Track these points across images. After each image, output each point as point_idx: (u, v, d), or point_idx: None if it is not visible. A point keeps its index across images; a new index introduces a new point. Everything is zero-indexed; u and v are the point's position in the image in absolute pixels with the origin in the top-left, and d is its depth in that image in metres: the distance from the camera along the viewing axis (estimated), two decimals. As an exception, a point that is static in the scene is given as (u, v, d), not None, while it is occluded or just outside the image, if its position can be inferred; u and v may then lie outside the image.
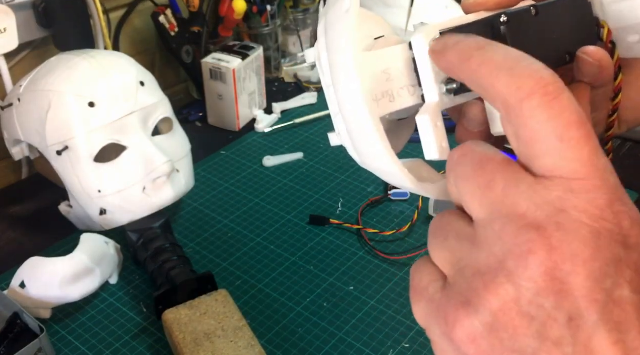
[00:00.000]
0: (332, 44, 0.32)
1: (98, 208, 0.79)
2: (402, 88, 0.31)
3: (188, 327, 0.66)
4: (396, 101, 0.31)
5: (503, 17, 0.30)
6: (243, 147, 1.06)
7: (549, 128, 0.23)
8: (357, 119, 0.30)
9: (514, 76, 0.24)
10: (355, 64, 0.30)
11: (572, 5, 0.33)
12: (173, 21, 1.06)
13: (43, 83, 0.79)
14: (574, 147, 0.23)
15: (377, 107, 0.30)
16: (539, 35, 0.31)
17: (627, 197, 0.24)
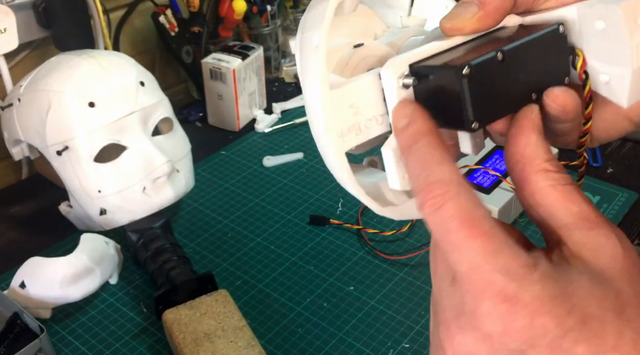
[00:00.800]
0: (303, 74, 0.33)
1: (98, 208, 0.79)
2: (369, 119, 0.33)
3: (188, 327, 0.66)
4: (362, 133, 0.33)
5: (466, 68, 0.29)
6: (243, 147, 1.06)
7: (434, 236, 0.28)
8: (325, 152, 0.33)
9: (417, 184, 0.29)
10: (322, 104, 0.31)
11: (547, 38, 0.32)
12: (173, 21, 1.06)
13: (43, 83, 0.79)
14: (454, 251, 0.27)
15: (342, 142, 0.32)
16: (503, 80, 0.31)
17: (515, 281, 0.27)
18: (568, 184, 0.29)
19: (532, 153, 0.29)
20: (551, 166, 0.29)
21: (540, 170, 0.29)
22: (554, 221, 0.29)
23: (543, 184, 0.29)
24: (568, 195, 0.28)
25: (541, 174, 0.29)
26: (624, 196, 0.91)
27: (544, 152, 0.29)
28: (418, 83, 0.32)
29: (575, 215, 0.28)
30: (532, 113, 0.30)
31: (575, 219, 0.28)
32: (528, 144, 0.29)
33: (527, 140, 0.30)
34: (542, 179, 0.29)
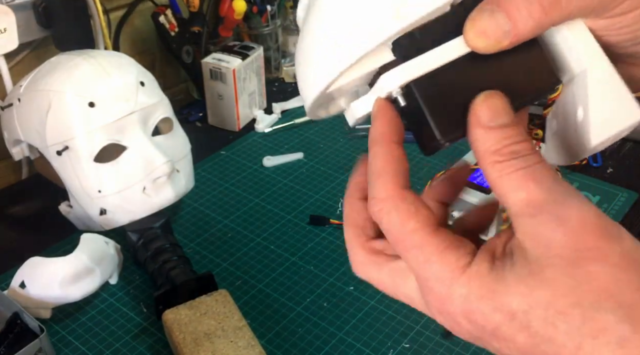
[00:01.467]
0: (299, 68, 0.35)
1: (98, 208, 0.79)
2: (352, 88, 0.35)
3: (188, 327, 0.66)
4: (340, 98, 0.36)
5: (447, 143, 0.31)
6: (243, 147, 1.06)
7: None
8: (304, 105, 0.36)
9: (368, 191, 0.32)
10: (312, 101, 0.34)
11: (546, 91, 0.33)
12: (173, 21, 1.06)
13: (43, 83, 0.79)
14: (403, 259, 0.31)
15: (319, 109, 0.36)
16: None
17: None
18: (518, 169, 0.28)
19: (480, 148, 0.29)
20: (500, 156, 0.29)
21: (489, 163, 0.29)
22: (510, 212, 0.29)
23: (494, 176, 0.29)
24: (515, 182, 0.28)
25: (491, 167, 0.29)
26: (624, 196, 0.91)
27: (492, 143, 0.29)
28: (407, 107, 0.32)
29: (521, 202, 0.28)
30: (475, 107, 0.30)
31: (521, 207, 0.28)
32: (475, 140, 0.30)
33: (473, 136, 0.30)
34: (493, 172, 0.29)
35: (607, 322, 0.25)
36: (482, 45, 0.31)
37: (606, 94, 0.31)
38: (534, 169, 0.28)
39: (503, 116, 0.29)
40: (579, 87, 0.32)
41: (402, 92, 0.32)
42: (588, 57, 0.32)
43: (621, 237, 0.27)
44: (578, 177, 0.95)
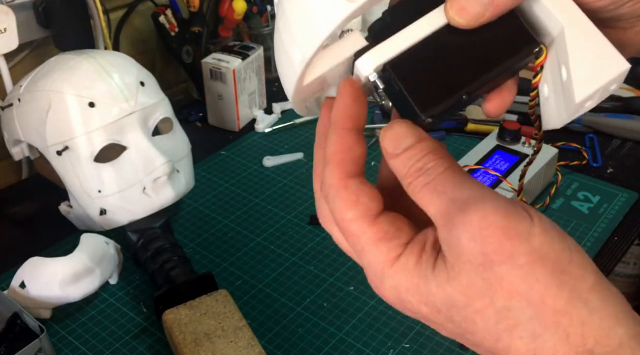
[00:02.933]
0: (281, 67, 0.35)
1: (98, 208, 0.79)
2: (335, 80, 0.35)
3: (188, 327, 0.66)
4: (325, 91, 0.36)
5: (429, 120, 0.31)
6: (243, 147, 1.06)
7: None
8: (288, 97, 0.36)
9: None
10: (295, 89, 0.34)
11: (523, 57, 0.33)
12: (173, 21, 1.06)
13: (43, 83, 0.79)
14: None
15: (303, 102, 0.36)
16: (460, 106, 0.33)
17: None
18: (423, 186, 0.30)
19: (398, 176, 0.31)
20: (410, 177, 0.31)
21: (406, 187, 0.31)
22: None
23: (413, 197, 0.31)
24: (424, 199, 0.30)
25: (408, 189, 0.31)
26: (624, 196, 0.91)
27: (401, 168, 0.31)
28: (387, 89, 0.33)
29: (434, 216, 0.30)
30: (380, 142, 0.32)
31: (436, 219, 0.30)
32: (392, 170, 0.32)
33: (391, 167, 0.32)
34: (411, 192, 0.31)
35: (518, 320, 0.27)
36: (463, 21, 0.31)
37: (586, 49, 0.32)
38: (436, 182, 0.30)
39: (406, 140, 0.31)
40: (559, 47, 0.32)
41: (379, 75, 0.32)
42: (565, 16, 0.32)
43: (530, 234, 0.27)
44: (578, 177, 0.95)
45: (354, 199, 0.31)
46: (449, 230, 0.28)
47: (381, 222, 0.31)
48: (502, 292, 0.27)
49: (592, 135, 1.04)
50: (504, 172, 0.86)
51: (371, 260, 0.31)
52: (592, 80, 0.31)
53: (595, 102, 0.33)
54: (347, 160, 0.32)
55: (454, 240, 0.28)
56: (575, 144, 1.01)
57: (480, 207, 0.28)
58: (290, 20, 0.32)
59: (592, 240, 0.83)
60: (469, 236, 0.27)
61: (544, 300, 0.26)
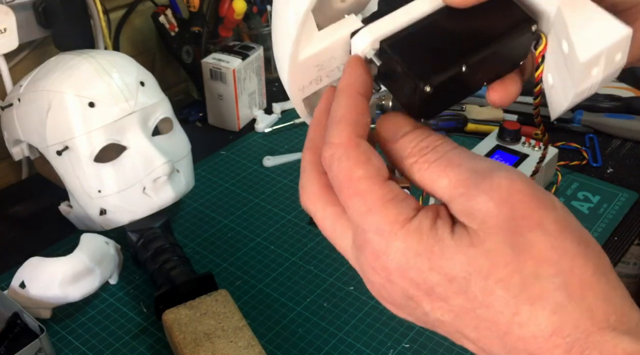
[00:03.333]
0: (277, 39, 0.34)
1: (98, 208, 0.79)
2: (332, 70, 0.35)
3: (188, 327, 0.66)
4: (322, 82, 0.35)
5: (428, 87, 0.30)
6: (243, 147, 1.06)
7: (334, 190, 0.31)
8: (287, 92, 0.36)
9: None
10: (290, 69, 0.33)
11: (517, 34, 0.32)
12: (173, 21, 1.06)
13: (43, 83, 0.79)
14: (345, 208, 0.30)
15: (302, 93, 0.35)
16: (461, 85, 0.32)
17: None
18: (432, 162, 0.29)
19: (397, 161, 0.31)
20: (413, 157, 0.30)
21: (408, 168, 0.30)
22: (443, 201, 0.29)
23: (416, 177, 0.30)
24: (434, 173, 0.29)
25: (410, 170, 0.30)
26: (624, 196, 0.91)
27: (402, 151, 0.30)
28: (383, 64, 0.32)
29: (447, 188, 0.28)
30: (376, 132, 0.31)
31: (448, 192, 0.28)
32: (390, 156, 0.31)
33: (388, 154, 0.31)
34: (413, 173, 0.30)
35: (544, 290, 0.26)
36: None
37: (585, 19, 0.32)
38: (449, 157, 0.29)
39: (404, 126, 0.31)
40: (558, 25, 0.32)
41: (375, 52, 0.32)
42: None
43: (554, 205, 0.27)
44: (578, 177, 0.95)
45: (364, 158, 0.29)
46: (472, 198, 0.27)
47: (391, 185, 0.29)
48: (531, 259, 0.26)
49: (592, 135, 1.04)
50: (504, 172, 0.85)
51: (378, 222, 0.28)
52: (594, 43, 0.31)
53: (603, 72, 0.33)
54: (360, 123, 0.31)
55: (479, 206, 0.27)
56: (575, 144, 1.01)
57: (507, 174, 0.27)
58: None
59: (592, 240, 0.83)
60: (497, 201, 0.27)
61: (573, 270, 0.26)
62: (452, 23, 0.32)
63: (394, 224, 0.28)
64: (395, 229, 0.28)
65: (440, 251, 0.27)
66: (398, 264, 0.28)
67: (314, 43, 0.33)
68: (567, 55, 0.32)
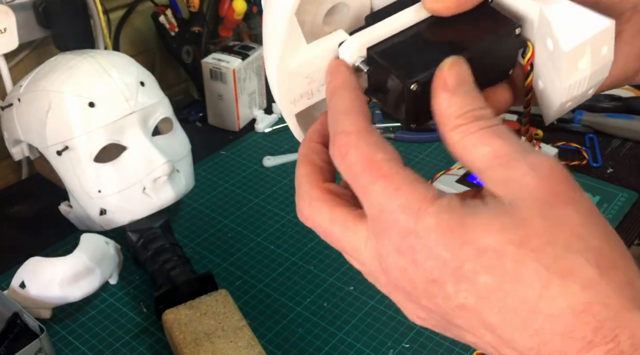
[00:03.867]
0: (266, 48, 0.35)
1: (98, 208, 0.79)
2: (323, 84, 0.35)
3: (188, 327, 0.66)
4: (314, 97, 0.36)
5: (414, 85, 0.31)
6: (243, 147, 1.06)
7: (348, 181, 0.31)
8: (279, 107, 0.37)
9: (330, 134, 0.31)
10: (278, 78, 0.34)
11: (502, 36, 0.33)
12: (173, 21, 1.06)
13: (43, 83, 0.79)
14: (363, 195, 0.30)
15: (294, 107, 0.36)
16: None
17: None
18: (480, 129, 0.29)
19: (443, 112, 0.30)
20: (464, 119, 0.29)
21: (452, 127, 0.29)
22: (475, 170, 0.29)
23: (455, 139, 0.29)
24: (479, 139, 0.28)
25: (453, 131, 0.29)
26: (624, 196, 0.91)
27: (456, 108, 0.29)
28: (371, 71, 0.33)
29: (487, 156, 0.28)
30: (442, 71, 0.30)
31: (488, 160, 0.28)
32: (439, 104, 0.30)
33: (438, 100, 0.30)
34: (455, 135, 0.29)
35: (576, 263, 0.25)
36: (440, 5, 0.32)
37: (567, 15, 0.32)
38: (497, 128, 0.29)
39: (468, 84, 0.30)
40: (541, 26, 0.33)
41: (363, 60, 0.33)
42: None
43: (584, 193, 0.28)
44: (578, 177, 0.95)
45: (381, 143, 0.29)
46: (513, 168, 0.27)
47: (410, 169, 0.29)
48: (564, 233, 0.26)
49: (592, 135, 1.04)
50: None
51: (408, 199, 0.28)
52: (577, 33, 0.32)
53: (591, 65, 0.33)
54: (367, 114, 0.31)
55: (518, 176, 0.27)
56: (575, 144, 1.01)
57: (548, 157, 0.28)
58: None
59: (592, 240, 0.83)
60: (538, 174, 0.27)
61: (603, 248, 0.26)
62: (437, 30, 0.33)
63: (423, 201, 0.27)
64: (425, 205, 0.27)
65: (473, 223, 0.26)
66: (427, 241, 0.27)
67: (302, 52, 0.34)
68: (553, 52, 0.32)
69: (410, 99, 0.31)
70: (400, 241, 0.28)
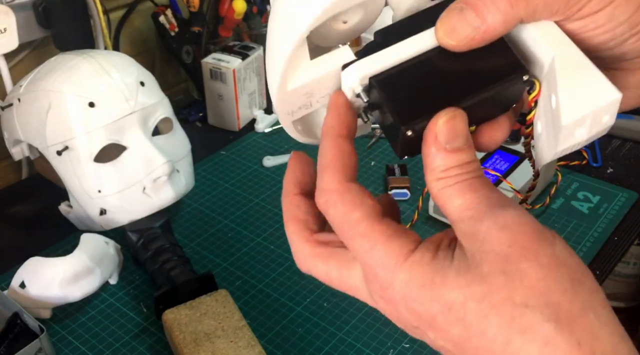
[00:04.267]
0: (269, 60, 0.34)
1: (98, 208, 0.79)
2: (322, 96, 0.35)
3: (188, 327, 0.66)
4: (312, 107, 0.35)
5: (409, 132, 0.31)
6: (243, 147, 1.06)
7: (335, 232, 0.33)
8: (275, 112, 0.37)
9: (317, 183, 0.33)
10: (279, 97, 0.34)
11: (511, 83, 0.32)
12: (173, 21, 1.06)
13: (43, 83, 0.79)
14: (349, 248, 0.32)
15: (291, 117, 0.35)
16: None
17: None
18: (459, 182, 0.30)
19: (429, 163, 0.31)
20: (445, 174, 0.30)
21: (435, 179, 0.30)
22: (450, 220, 0.30)
23: (437, 189, 0.30)
24: (455, 192, 0.30)
25: (435, 182, 0.30)
26: (624, 196, 0.91)
27: (441, 163, 0.30)
28: (370, 101, 0.33)
29: (459, 208, 0.29)
30: (436, 124, 0.31)
31: (459, 212, 0.29)
32: (427, 154, 0.31)
33: (426, 150, 0.31)
34: (436, 185, 0.30)
35: (533, 320, 0.26)
36: (453, 42, 0.31)
37: (576, 77, 0.31)
38: (474, 181, 0.30)
39: (459, 139, 0.31)
40: (550, 76, 0.32)
41: (364, 88, 0.32)
42: (555, 46, 0.32)
43: (554, 242, 0.28)
44: (578, 177, 0.95)
45: (358, 200, 0.31)
46: (479, 221, 0.28)
47: (388, 222, 0.31)
48: (522, 288, 0.27)
49: (592, 135, 1.04)
50: (504, 172, 0.86)
51: (383, 257, 0.30)
52: (580, 105, 0.31)
53: (588, 133, 0.32)
54: (347, 166, 0.32)
55: (483, 229, 0.28)
56: (575, 144, 1.01)
57: (515, 209, 0.29)
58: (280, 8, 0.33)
59: (592, 240, 0.83)
60: (501, 226, 0.28)
61: (561, 303, 0.26)
62: (444, 64, 0.32)
63: (398, 257, 0.29)
64: (399, 261, 0.29)
65: (441, 280, 0.28)
66: (403, 296, 0.29)
67: (303, 73, 0.33)
68: (554, 111, 0.32)
69: (404, 141, 0.31)
70: (383, 293, 0.30)
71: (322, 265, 0.34)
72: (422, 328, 0.29)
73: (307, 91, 0.34)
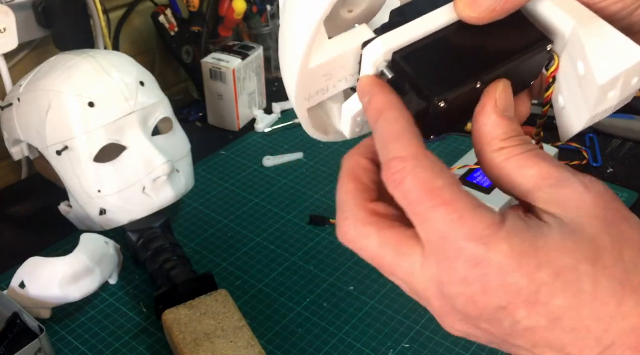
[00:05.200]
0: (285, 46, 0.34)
1: (98, 208, 0.79)
2: (339, 80, 0.34)
3: (188, 327, 0.66)
4: (329, 92, 0.35)
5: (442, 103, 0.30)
6: (243, 147, 1.06)
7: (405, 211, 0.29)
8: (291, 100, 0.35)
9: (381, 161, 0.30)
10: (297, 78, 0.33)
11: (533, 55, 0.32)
12: (173, 21, 1.06)
13: (43, 83, 0.79)
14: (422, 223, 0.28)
15: (308, 103, 0.35)
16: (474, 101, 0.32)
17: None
18: (525, 152, 0.29)
19: (490, 133, 0.30)
20: (508, 143, 0.29)
21: (496, 149, 0.29)
22: (519, 191, 0.29)
23: (499, 160, 0.29)
24: (524, 162, 0.29)
25: (497, 152, 0.29)
26: (624, 196, 0.91)
27: (503, 132, 0.29)
28: (396, 78, 0.32)
29: (535, 177, 0.28)
30: (496, 91, 0.30)
31: (536, 181, 0.28)
32: (486, 124, 0.30)
33: (486, 120, 0.30)
34: (498, 156, 0.29)
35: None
36: (475, 15, 0.31)
37: (602, 41, 0.31)
38: (540, 152, 0.29)
39: (512, 109, 0.30)
40: (573, 45, 0.32)
41: (387, 64, 0.32)
42: (575, 14, 0.32)
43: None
44: (578, 177, 0.95)
45: (439, 168, 0.28)
46: (567, 187, 0.28)
47: (470, 194, 0.28)
48: (629, 248, 0.26)
49: (592, 135, 1.04)
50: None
51: (474, 228, 0.27)
52: (612, 64, 0.31)
53: (620, 96, 0.32)
54: (419, 135, 0.30)
55: (575, 196, 0.27)
56: (575, 144, 1.01)
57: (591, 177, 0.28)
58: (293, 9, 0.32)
59: (592, 240, 0.83)
60: (591, 194, 0.27)
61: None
62: (466, 38, 0.32)
63: (490, 227, 0.27)
64: (494, 232, 0.27)
65: (545, 245, 0.26)
66: (500, 269, 0.26)
67: (324, 51, 0.32)
68: (583, 77, 0.31)
69: (434, 115, 0.30)
70: (468, 271, 0.27)
71: (375, 238, 0.30)
72: (513, 307, 0.26)
73: (327, 72, 0.33)
